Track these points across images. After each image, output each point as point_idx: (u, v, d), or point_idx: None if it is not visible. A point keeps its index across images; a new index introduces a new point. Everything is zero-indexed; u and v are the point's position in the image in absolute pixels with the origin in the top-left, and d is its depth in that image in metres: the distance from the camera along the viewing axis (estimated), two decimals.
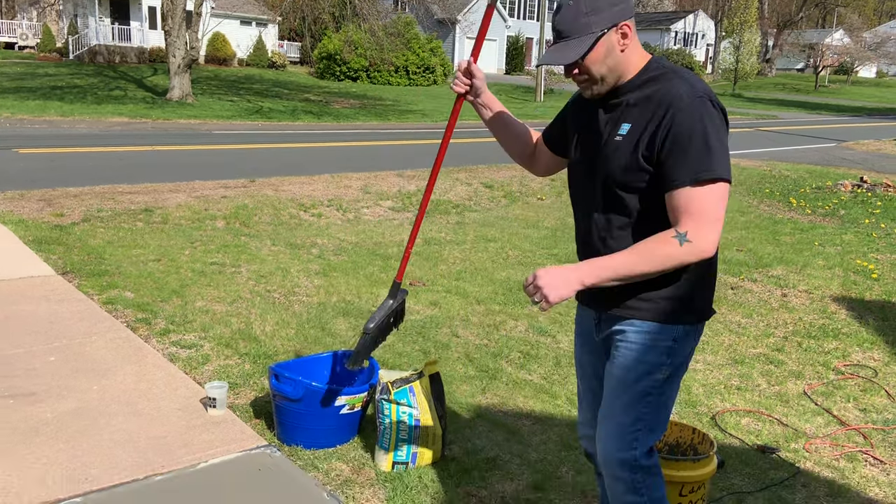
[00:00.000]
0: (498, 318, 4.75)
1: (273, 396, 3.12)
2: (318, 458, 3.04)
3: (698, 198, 1.78)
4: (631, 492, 2.06)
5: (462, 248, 6.55)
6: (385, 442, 2.97)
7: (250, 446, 2.88)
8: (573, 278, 1.82)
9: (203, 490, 2.60)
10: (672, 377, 2.00)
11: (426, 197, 2.38)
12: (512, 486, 2.91)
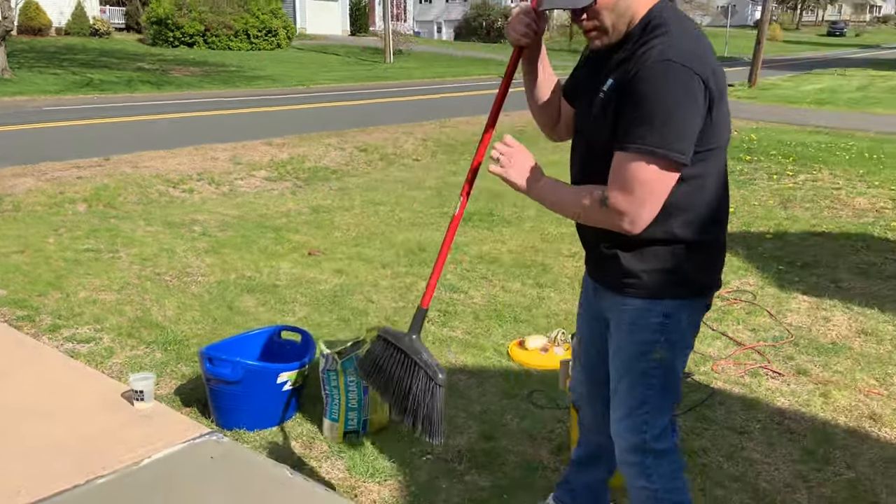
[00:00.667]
0: (408, 280, 4.76)
1: (207, 381, 2.96)
2: (265, 438, 2.94)
3: (627, 168, 1.65)
4: (642, 477, 1.95)
5: (352, 213, 6.46)
6: (334, 413, 2.92)
7: (193, 436, 2.72)
8: (525, 177, 1.83)
9: (156, 487, 2.43)
10: (672, 356, 1.87)
11: (465, 196, 2.02)
12: (463, 438, 2.97)
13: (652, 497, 1.95)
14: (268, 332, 3.27)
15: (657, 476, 1.93)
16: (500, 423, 3.09)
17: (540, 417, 3.13)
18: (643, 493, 1.95)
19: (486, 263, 5.11)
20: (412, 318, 2.18)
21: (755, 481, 2.68)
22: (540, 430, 3.03)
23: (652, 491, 1.94)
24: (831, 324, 4.08)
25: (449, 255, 5.30)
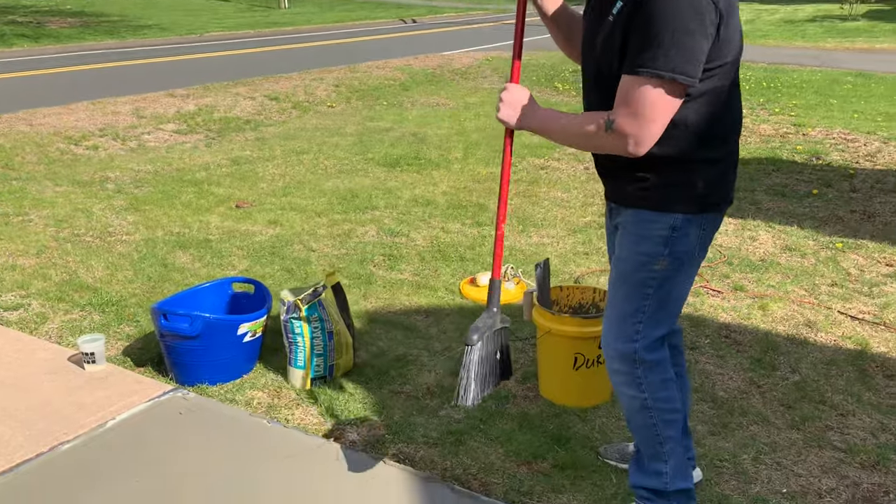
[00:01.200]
0: (345, 227, 4.67)
1: (162, 337, 2.82)
2: (230, 392, 2.85)
3: (634, 92, 1.62)
4: (630, 385, 1.96)
5: (274, 163, 6.23)
6: (299, 361, 2.86)
7: (156, 394, 2.61)
8: (517, 114, 1.86)
9: (127, 447, 2.32)
10: (675, 269, 1.86)
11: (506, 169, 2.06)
12: (431, 376, 2.98)
13: (642, 406, 1.96)
14: (219, 285, 3.14)
15: (646, 385, 1.94)
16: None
17: None
18: (633, 401, 1.97)
19: (422, 206, 5.08)
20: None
21: (713, 391, 2.84)
22: None
23: (641, 399, 1.96)
24: (758, 242, 4.32)
25: (383, 199, 5.28)
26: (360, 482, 2.19)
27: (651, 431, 1.95)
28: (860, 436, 2.51)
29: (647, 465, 2.01)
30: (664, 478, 1.97)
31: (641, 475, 2.03)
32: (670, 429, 1.96)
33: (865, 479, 2.30)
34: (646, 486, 2.03)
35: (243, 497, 2.12)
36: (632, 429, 2.03)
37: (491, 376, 2.17)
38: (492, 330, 2.13)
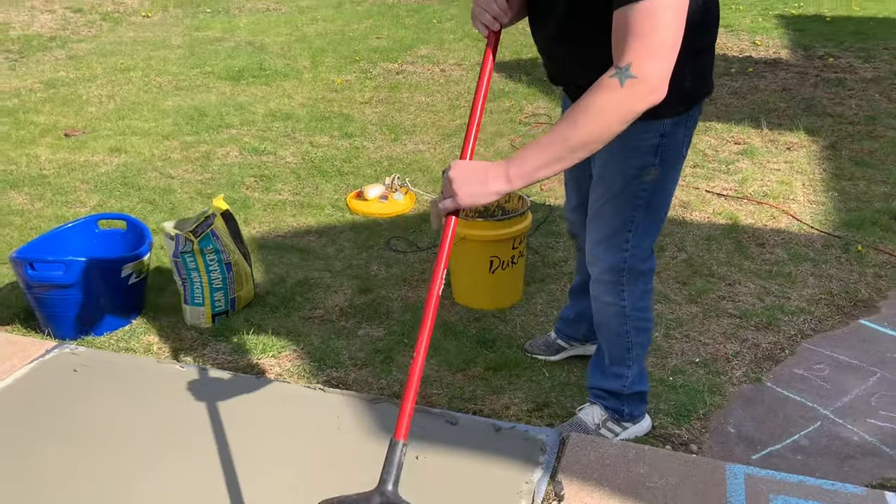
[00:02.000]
0: (202, 150, 4.26)
1: (29, 289, 2.46)
2: (121, 341, 2.56)
3: (645, 18, 1.34)
4: (613, 294, 1.91)
5: (98, 84, 5.52)
6: (197, 297, 2.61)
7: (38, 354, 2.27)
8: (493, 183, 1.41)
9: (23, 414, 2.02)
10: (665, 174, 1.77)
11: None
12: (339, 297, 2.86)
13: (620, 314, 1.93)
14: (83, 225, 2.75)
15: (628, 293, 1.90)
16: (368, 275, 3.02)
17: (406, 262, 3.10)
18: (610, 308, 1.94)
19: (282, 121, 4.74)
20: (384, 458, 1.45)
21: None
22: (412, 274, 3.01)
23: (620, 307, 1.92)
24: None
25: (236, 116, 4.87)
26: (302, 413, 2.07)
27: (622, 338, 1.96)
28: (749, 301, 2.75)
29: (609, 367, 2.03)
30: (624, 380, 2.02)
31: (601, 377, 2.07)
32: (641, 336, 1.98)
33: (762, 339, 2.54)
34: (604, 388, 2.06)
35: (183, 446, 1.93)
36: (601, 333, 2.02)
37: None
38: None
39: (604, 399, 2.07)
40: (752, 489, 1.73)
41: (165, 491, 1.80)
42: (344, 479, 1.83)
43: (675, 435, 2.13)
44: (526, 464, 1.87)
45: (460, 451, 1.93)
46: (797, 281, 2.86)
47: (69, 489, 1.81)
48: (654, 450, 1.89)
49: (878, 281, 2.87)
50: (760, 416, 2.20)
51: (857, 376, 2.35)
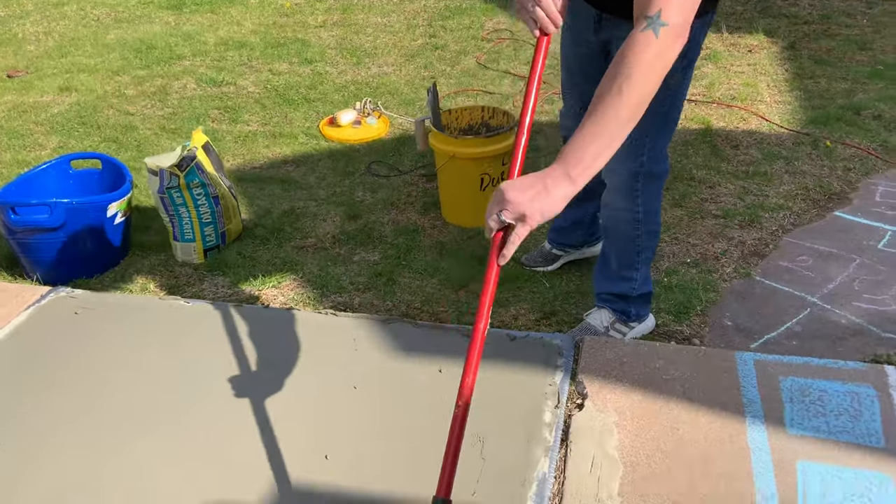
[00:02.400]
0: (157, 83, 4.08)
1: (12, 235, 2.37)
2: (114, 282, 2.50)
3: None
4: (626, 199, 1.91)
5: (31, 20, 5.16)
6: (187, 233, 2.56)
7: (33, 300, 2.21)
8: (556, 190, 1.29)
9: (29, 360, 1.97)
10: (684, 77, 1.75)
11: None
12: (329, 225, 2.83)
13: (632, 219, 1.95)
14: (56, 166, 2.63)
15: (642, 198, 1.90)
16: (354, 201, 2.99)
17: (389, 186, 3.08)
18: (624, 214, 1.95)
19: (236, 50, 4.55)
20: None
21: None
22: (398, 197, 3.00)
23: (633, 213, 1.93)
24: None
25: (187, 46, 4.65)
26: (317, 338, 2.08)
27: (633, 242, 1.99)
28: (731, 201, 2.84)
29: (617, 272, 2.07)
30: (633, 283, 2.07)
31: (608, 282, 2.11)
32: (652, 239, 2.01)
33: (747, 236, 2.64)
34: (612, 292, 2.11)
35: (205, 379, 1.93)
36: (611, 237, 2.05)
37: None
38: None
39: (611, 303, 2.13)
40: (762, 373, 1.84)
41: (195, 425, 1.81)
42: (368, 398, 1.87)
43: (678, 331, 2.22)
44: (546, 368, 1.93)
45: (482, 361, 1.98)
46: (773, 179, 2.96)
47: (94, 430, 1.80)
48: (665, 345, 1.98)
49: (848, 174, 2.99)
50: (754, 308, 2.31)
51: (839, 264, 2.48)
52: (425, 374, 1.94)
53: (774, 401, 1.75)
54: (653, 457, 1.64)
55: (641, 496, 1.55)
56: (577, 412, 1.79)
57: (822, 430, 1.67)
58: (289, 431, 1.77)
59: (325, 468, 1.66)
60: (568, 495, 1.57)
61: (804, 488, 1.53)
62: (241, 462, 1.69)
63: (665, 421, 1.73)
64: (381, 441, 1.73)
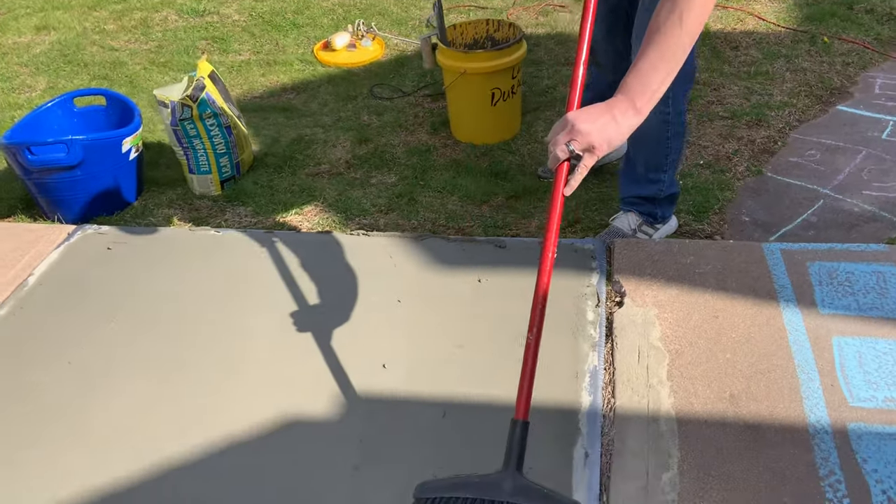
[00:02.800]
0: (136, 17, 3.94)
1: (28, 175, 2.33)
2: (136, 217, 2.49)
3: None
4: (660, 101, 1.82)
5: None
6: (203, 166, 2.54)
7: (62, 238, 2.19)
8: (623, 120, 1.30)
9: (78, 291, 1.98)
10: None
11: None
12: (340, 150, 2.82)
13: (662, 120, 1.96)
14: (59, 104, 2.56)
15: (673, 99, 1.90)
16: (361, 125, 2.97)
17: (394, 108, 3.06)
18: (656, 116, 1.82)
19: None
20: (506, 443, 1.31)
21: None
22: (405, 118, 2.98)
23: (664, 114, 1.94)
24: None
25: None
26: (356, 258, 2.11)
27: (662, 144, 2.02)
28: (737, 102, 2.88)
29: (644, 175, 2.11)
30: (661, 185, 2.11)
31: (635, 186, 2.15)
32: (679, 141, 2.04)
33: (756, 135, 2.69)
34: (640, 195, 2.15)
35: (255, 304, 1.96)
36: (639, 141, 2.03)
37: None
38: (487, 497, 1.24)
39: (638, 206, 2.18)
40: (790, 260, 1.92)
41: (253, 344, 1.85)
42: (414, 310, 1.92)
43: (699, 230, 2.29)
44: (581, 271, 2.00)
45: (516, 270, 2.03)
46: (775, 77, 3.00)
47: (157, 354, 1.83)
48: (694, 241, 2.05)
49: (847, 68, 3.03)
50: (769, 204, 2.38)
51: (846, 156, 2.55)
52: (465, 284, 1.99)
53: (805, 285, 1.84)
54: (696, 343, 1.73)
55: (689, 378, 1.65)
56: (618, 309, 1.86)
57: (853, 307, 1.76)
58: (344, 345, 1.82)
59: (384, 377, 1.72)
60: (620, 383, 1.66)
61: (841, 360, 1.64)
62: (302, 375, 1.74)
63: (703, 311, 1.81)
64: (433, 350, 1.80)
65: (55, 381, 1.76)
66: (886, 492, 1.38)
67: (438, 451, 1.55)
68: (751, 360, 1.67)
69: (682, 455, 1.50)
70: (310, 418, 1.65)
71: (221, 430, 1.62)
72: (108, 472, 1.54)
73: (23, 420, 1.67)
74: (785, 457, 1.47)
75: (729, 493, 1.42)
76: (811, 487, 1.41)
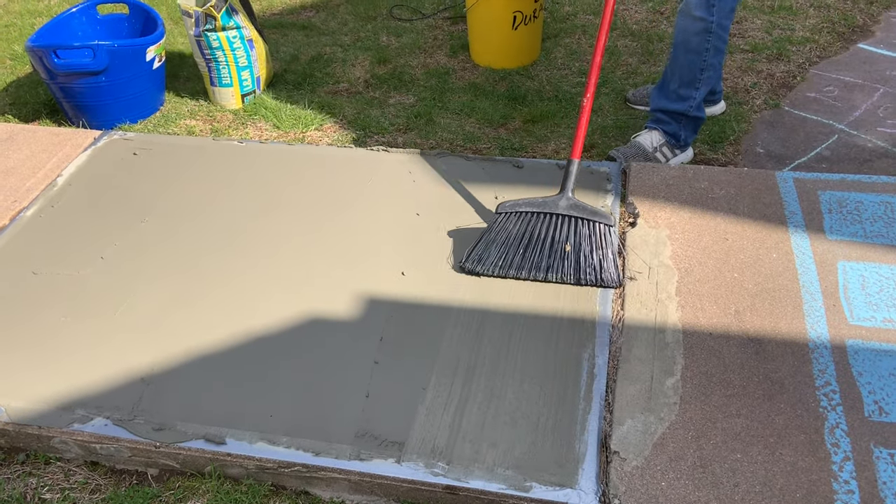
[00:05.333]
0: None
1: (54, 80, 2.36)
2: (158, 126, 2.53)
3: None
4: (702, 7, 1.99)
5: None
6: (225, 78, 2.56)
7: (88, 142, 2.24)
8: None
9: (107, 193, 2.03)
10: None
11: None
12: (358, 70, 2.84)
13: (704, 29, 2.01)
14: (83, 10, 2.57)
15: (718, 9, 1.98)
16: (380, 46, 2.97)
17: (413, 30, 3.06)
18: (698, 24, 2.01)
19: None
20: (562, 176, 1.84)
21: (626, 25, 3.01)
22: (424, 41, 2.98)
23: (707, 23, 2.00)
24: None
25: None
26: (375, 172, 2.15)
27: (700, 57, 2.04)
28: (758, 36, 2.87)
29: (677, 90, 2.13)
30: (691, 101, 2.13)
31: (666, 100, 2.17)
32: (717, 56, 2.07)
33: (775, 69, 2.70)
34: (668, 109, 2.18)
35: (281, 209, 2.02)
36: (678, 51, 2.09)
37: (536, 262, 1.76)
38: (547, 210, 1.77)
39: (665, 123, 2.21)
40: (802, 188, 1.96)
41: (280, 250, 1.91)
42: (432, 223, 1.97)
43: (714, 159, 2.33)
44: (597, 192, 2.04)
45: (533, 189, 2.08)
46: (799, 13, 2.98)
47: (187, 253, 1.90)
48: (709, 168, 2.09)
49: (871, 7, 3.01)
50: (784, 136, 2.41)
51: (863, 93, 2.56)
52: (482, 200, 2.04)
53: (815, 212, 1.89)
54: (705, 263, 1.79)
55: (697, 295, 1.71)
56: (631, 229, 1.92)
57: (860, 234, 1.81)
58: (364, 253, 1.88)
59: (403, 283, 1.79)
60: (630, 297, 1.73)
61: (845, 282, 1.70)
62: (325, 278, 1.81)
63: (714, 233, 1.87)
64: (448, 259, 1.86)
65: (91, 275, 1.83)
66: (878, 402, 1.46)
67: (453, 350, 1.63)
68: (757, 280, 1.73)
69: (686, 363, 1.57)
70: (333, 317, 1.72)
71: (247, 327, 1.70)
72: (139, 360, 1.63)
73: (60, 311, 1.75)
74: (784, 367, 1.54)
75: (728, 398, 1.50)
76: (807, 395, 1.49)
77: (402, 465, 1.41)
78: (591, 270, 1.73)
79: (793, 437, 1.41)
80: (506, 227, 1.79)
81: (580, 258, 1.75)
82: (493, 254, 1.77)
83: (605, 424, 1.48)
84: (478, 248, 1.79)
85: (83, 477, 1.49)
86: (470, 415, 1.49)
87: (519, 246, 1.77)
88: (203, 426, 1.49)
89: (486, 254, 1.78)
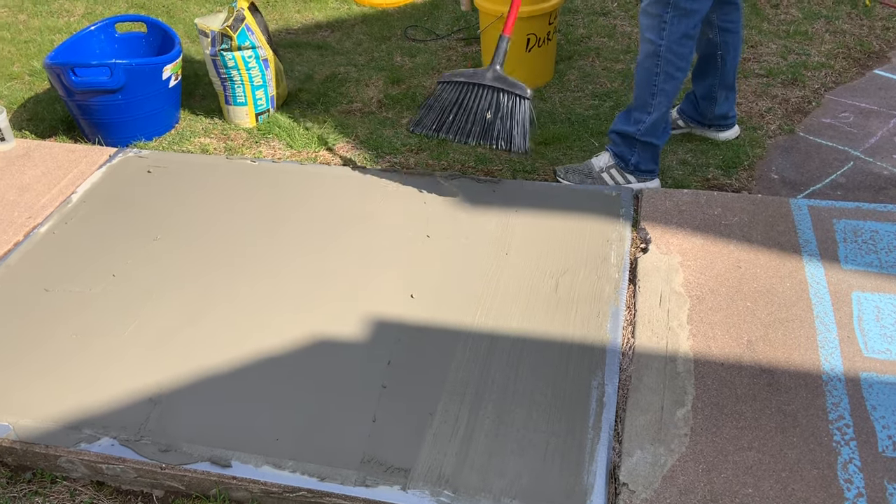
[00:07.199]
0: None
1: (71, 97, 2.38)
2: (173, 144, 2.55)
3: None
4: (652, 30, 1.98)
5: None
6: (239, 97, 2.58)
7: (103, 160, 2.26)
8: None
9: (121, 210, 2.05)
10: None
11: None
12: (372, 90, 2.85)
13: (654, 52, 2.00)
14: (102, 29, 2.61)
15: (668, 33, 1.96)
16: (394, 66, 2.99)
17: (428, 50, 3.07)
18: (649, 46, 2.02)
19: None
20: (494, 50, 2.12)
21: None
22: (438, 61, 3.00)
23: (656, 46, 1.99)
24: None
25: None
26: (388, 192, 2.16)
27: (650, 80, 2.03)
28: (773, 61, 2.86)
29: (632, 112, 2.13)
30: (640, 126, 2.11)
31: (622, 122, 2.17)
32: (669, 83, 2.03)
33: (790, 94, 2.68)
34: (620, 131, 2.16)
35: (290, 230, 2.02)
36: (636, 74, 2.09)
37: (462, 127, 2.08)
38: (475, 81, 2.08)
39: (615, 145, 2.19)
40: (817, 217, 1.94)
41: (289, 271, 1.91)
42: (442, 245, 1.97)
43: (727, 185, 2.31)
44: (608, 216, 2.03)
45: (543, 212, 2.07)
46: (814, 38, 2.97)
47: (198, 273, 1.90)
48: (722, 194, 2.08)
49: (887, 33, 2.99)
50: (798, 162, 2.39)
51: (879, 120, 2.54)
52: (492, 223, 2.03)
53: (829, 241, 1.87)
54: (717, 291, 1.77)
55: (709, 323, 1.69)
56: (642, 255, 1.91)
57: (874, 265, 1.79)
58: (374, 275, 1.88)
59: (412, 306, 1.78)
60: (641, 324, 1.71)
61: (860, 314, 1.67)
62: (335, 301, 1.81)
63: (727, 260, 1.85)
64: (458, 282, 1.85)
65: (102, 293, 1.84)
66: (892, 437, 1.43)
67: (461, 375, 1.62)
68: (770, 310, 1.71)
69: (697, 393, 1.56)
70: (341, 339, 1.72)
71: (255, 347, 1.70)
72: (148, 380, 1.63)
73: (70, 329, 1.76)
74: (797, 400, 1.52)
75: (740, 430, 1.48)
76: (820, 429, 1.46)
77: (407, 493, 1.39)
78: (504, 137, 2.05)
79: (805, 472, 1.39)
80: (442, 96, 2.11)
81: (495, 125, 2.06)
82: (430, 118, 2.09)
83: (614, 455, 1.46)
84: (420, 112, 2.13)
85: (89, 497, 1.49)
86: (477, 442, 1.48)
87: (450, 112, 2.09)
88: (209, 448, 1.48)
89: (426, 118, 2.10)
